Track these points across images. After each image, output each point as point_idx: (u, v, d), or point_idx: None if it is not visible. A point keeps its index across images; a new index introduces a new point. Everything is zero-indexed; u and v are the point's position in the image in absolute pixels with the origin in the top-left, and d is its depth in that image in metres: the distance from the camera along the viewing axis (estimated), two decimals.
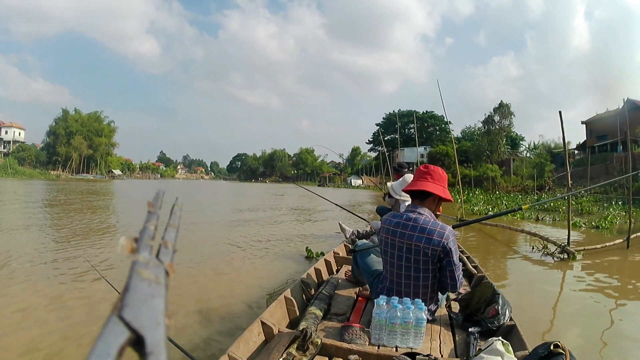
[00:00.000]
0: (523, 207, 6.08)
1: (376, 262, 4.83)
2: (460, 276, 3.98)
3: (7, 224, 14.48)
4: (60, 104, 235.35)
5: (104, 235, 13.33)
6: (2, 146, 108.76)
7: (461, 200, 23.12)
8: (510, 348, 3.11)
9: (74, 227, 14.67)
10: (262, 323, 3.71)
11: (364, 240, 5.64)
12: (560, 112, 11.56)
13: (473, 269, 6.50)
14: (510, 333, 3.82)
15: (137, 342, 0.42)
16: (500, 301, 4.05)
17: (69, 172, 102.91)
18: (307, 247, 11.20)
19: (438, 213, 4.30)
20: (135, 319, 0.43)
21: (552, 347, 2.50)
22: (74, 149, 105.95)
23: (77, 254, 9.97)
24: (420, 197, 4.19)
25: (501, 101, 69.57)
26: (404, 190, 4.20)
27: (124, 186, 64.11)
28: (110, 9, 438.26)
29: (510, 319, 4.01)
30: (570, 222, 11.68)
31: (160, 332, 0.44)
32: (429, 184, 4.11)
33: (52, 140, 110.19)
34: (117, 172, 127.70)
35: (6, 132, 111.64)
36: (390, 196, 8.54)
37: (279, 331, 3.72)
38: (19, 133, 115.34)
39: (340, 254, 7.62)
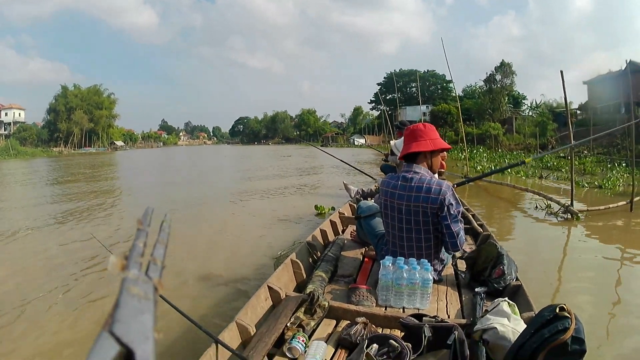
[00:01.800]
0: (526, 160, 6.07)
1: (380, 223, 4.79)
2: (461, 233, 3.93)
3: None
4: (60, 81, 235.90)
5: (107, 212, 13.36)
6: (3, 128, 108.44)
7: (465, 158, 23.08)
8: (517, 309, 3.12)
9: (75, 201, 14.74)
10: (269, 288, 3.75)
11: (368, 202, 5.62)
12: (561, 72, 11.41)
13: (478, 227, 6.46)
14: (516, 294, 3.83)
15: (128, 356, 0.43)
16: (506, 261, 4.04)
17: (71, 147, 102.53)
18: (316, 205, 11.43)
19: (442, 170, 4.30)
20: (126, 334, 0.43)
21: (557, 310, 2.50)
22: (75, 124, 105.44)
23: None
24: (411, 158, 4.17)
25: (502, 60, 68.78)
26: (410, 153, 4.15)
27: (122, 157, 64.37)
28: None
29: (517, 279, 4.01)
30: (574, 182, 11.62)
31: (149, 346, 0.45)
32: (412, 145, 4.10)
33: (52, 117, 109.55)
34: (120, 143, 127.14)
35: (6, 114, 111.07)
36: (393, 154, 8.56)
37: (286, 295, 3.75)
38: (19, 114, 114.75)
39: (346, 214, 7.61)
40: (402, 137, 7.84)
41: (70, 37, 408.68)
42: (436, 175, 4.22)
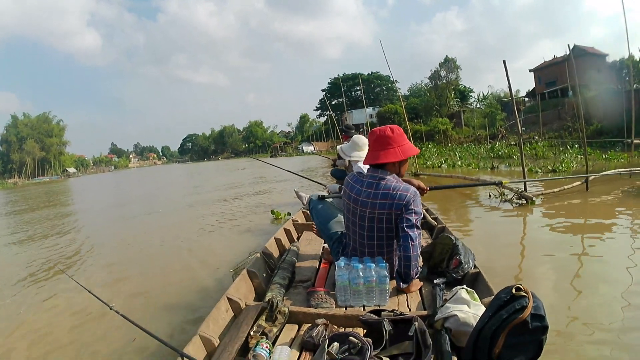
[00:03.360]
0: (503, 182, 6.04)
1: (334, 223, 4.75)
2: (416, 242, 3.74)
3: None
4: (9, 111, 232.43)
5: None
6: None
7: (414, 156, 23.33)
8: (476, 295, 3.17)
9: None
10: (229, 299, 3.72)
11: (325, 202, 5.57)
12: (504, 62, 11.63)
13: (433, 221, 6.50)
14: (476, 281, 3.87)
15: None
16: (462, 251, 4.07)
17: (25, 177, 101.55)
18: (272, 210, 11.70)
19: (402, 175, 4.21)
20: None
21: (514, 291, 2.52)
22: (27, 154, 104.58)
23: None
24: (378, 165, 4.00)
25: (446, 56, 70.16)
26: (378, 163, 4.06)
27: (77, 184, 63.48)
28: (49, 6, 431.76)
29: (475, 267, 4.06)
30: (525, 168, 11.76)
31: None
32: (380, 155, 3.92)
33: (5, 148, 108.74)
34: (72, 170, 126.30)
35: None
36: (340, 158, 8.60)
37: (246, 305, 3.74)
38: None
39: (299, 221, 7.60)
40: (349, 141, 7.86)
41: (16, 64, 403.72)
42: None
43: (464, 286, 3.29)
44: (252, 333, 3.19)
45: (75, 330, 5.32)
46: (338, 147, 8.71)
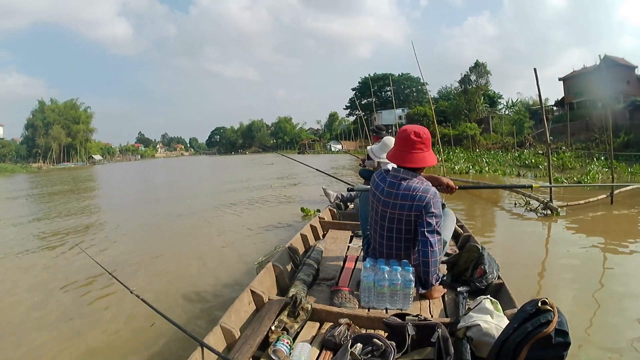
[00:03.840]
0: (534, 185, 5.91)
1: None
2: (435, 248, 3.74)
3: None
4: (37, 96, 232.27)
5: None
6: None
7: (442, 160, 23.20)
8: (499, 306, 3.15)
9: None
10: (252, 292, 3.74)
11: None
12: (535, 69, 11.49)
13: (459, 229, 6.47)
14: (499, 291, 3.85)
15: None
16: (487, 261, 4.06)
17: (50, 162, 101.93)
18: (302, 207, 11.81)
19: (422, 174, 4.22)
20: None
21: (539, 304, 2.51)
22: (53, 139, 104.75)
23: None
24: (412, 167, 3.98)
25: (477, 60, 69.18)
26: (401, 166, 4.07)
27: (103, 171, 63.81)
28: None
29: (498, 278, 4.04)
30: (552, 178, 11.67)
31: None
32: (406, 158, 3.91)
33: (30, 133, 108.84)
34: (98, 157, 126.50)
35: None
36: (370, 158, 8.57)
37: (269, 299, 3.75)
38: None
39: (326, 219, 7.62)
40: (379, 142, 7.84)
41: (46, 51, 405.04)
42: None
43: (489, 296, 3.28)
44: (273, 328, 3.21)
45: (94, 312, 5.43)
46: (368, 147, 8.68)
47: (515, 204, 12.17)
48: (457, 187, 4.67)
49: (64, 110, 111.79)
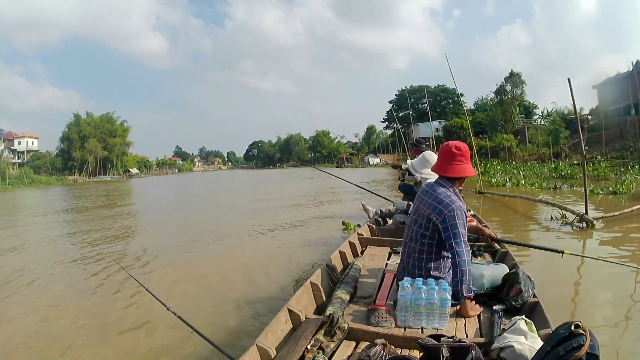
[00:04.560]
0: (565, 252, 5.77)
1: None
2: (464, 257, 3.84)
3: None
4: (72, 109, 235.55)
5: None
6: (17, 157, 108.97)
7: (478, 173, 23.13)
8: (534, 327, 3.16)
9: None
10: (289, 310, 3.76)
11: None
12: (569, 80, 11.45)
13: (496, 245, 6.49)
14: (534, 310, 3.85)
15: None
16: (522, 280, 4.07)
17: (86, 175, 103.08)
18: (343, 221, 11.92)
19: (461, 188, 4.34)
20: None
21: (573, 328, 2.53)
22: (89, 152, 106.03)
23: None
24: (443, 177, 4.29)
25: (511, 70, 69.04)
26: (443, 176, 4.24)
27: (139, 185, 64.47)
28: (113, 9, 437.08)
29: (534, 296, 4.03)
30: (587, 190, 11.61)
31: None
32: (448, 169, 4.22)
33: (66, 145, 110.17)
34: (134, 170, 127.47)
35: (19, 143, 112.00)
36: (410, 174, 8.59)
37: (306, 318, 3.77)
38: (32, 142, 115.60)
39: (365, 235, 7.54)
40: (419, 156, 7.87)
41: (81, 64, 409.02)
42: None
43: (523, 316, 3.29)
44: (309, 347, 3.22)
45: (132, 328, 5.54)
46: (408, 162, 8.72)
47: (552, 217, 12.07)
48: (497, 236, 4.98)
49: (99, 124, 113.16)
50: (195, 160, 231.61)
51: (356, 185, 14.32)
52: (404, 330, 3.67)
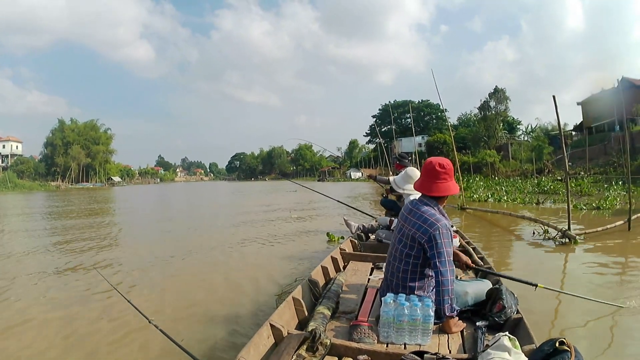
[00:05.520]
0: (539, 285, 5.76)
1: None
2: (447, 277, 3.84)
3: None
4: (57, 115, 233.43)
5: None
6: (1, 160, 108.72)
7: (461, 188, 23.19)
8: (517, 343, 3.15)
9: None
10: (271, 325, 3.72)
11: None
12: (554, 97, 11.50)
13: (479, 261, 6.46)
14: (517, 326, 3.86)
15: None
16: (505, 296, 4.07)
17: (68, 182, 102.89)
18: (328, 232, 12.14)
19: (444, 204, 4.35)
20: None
21: (557, 344, 2.54)
22: (72, 159, 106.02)
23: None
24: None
25: (496, 86, 69.73)
26: (427, 195, 4.25)
27: (121, 193, 64.23)
28: (102, 16, 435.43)
29: (517, 312, 4.05)
30: (570, 206, 11.66)
31: None
32: (432, 188, 4.21)
33: (49, 151, 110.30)
34: (117, 179, 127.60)
35: (3, 147, 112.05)
36: (393, 190, 8.58)
37: (288, 333, 3.73)
38: (17, 146, 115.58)
39: (347, 250, 7.55)
40: (402, 172, 7.87)
41: (68, 70, 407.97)
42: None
43: (507, 333, 3.28)
44: None
45: (113, 341, 5.40)
46: (391, 178, 8.71)
47: (534, 232, 12.11)
48: (473, 265, 4.92)
49: (84, 131, 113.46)
50: (178, 170, 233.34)
51: (338, 202, 14.32)
52: (387, 346, 3.65)
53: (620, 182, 27.03)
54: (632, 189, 12.93)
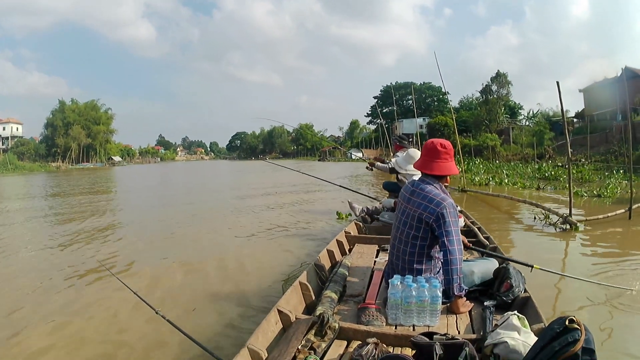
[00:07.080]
0: (535, 266, 5.78)
1: None
2: (456, 255, 3.86)
3: None
4: (58, 95, 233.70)
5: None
6: (1, 142, 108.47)
7: (462, 171, 23.15)
8: (526, 322, 3.17)
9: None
10: (279, 311, 3.76)
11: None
12: (557, 83, 11.37)
13: (485, 240, 6.50)
14: (525, 305, 3.89)
15: None
16: (512, 275, 4.11)
17: (69, 162, 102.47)
18: (337, 211, 12.37)
19: (446, 184, 4.36)
20: None
21: (567, 323, 2.55)
22: (73, 139, 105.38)
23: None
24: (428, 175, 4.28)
25: (498, 71, 69.16)
26: (427, 173, 4.26)
27: (122, 173, 64.73)
28: None
29: (525, 291, 4.09)
30: (572, 192, 11.69)
31: None
32: (433, 167, 4.22)
33: (50, 132, 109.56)
34: (117, 158, 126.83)
35: (3, 129, 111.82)
36: (395, 171, 8.58)
37: (296, 318, 3.77)
38: (17, 128, 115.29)
39: (352, 233, 7.59)
40: (402, 151, 7.88)
41: (69, 51, 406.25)
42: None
43: (515, 312, 3.30)
44: (300, 347, 3.22)
45: (118, 331, 5.37)
46: (393, 159, 8.71)
47: (535, 218, 12.12)
48: (469, 244, 5.17)
49: (84, 111, 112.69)
50: (178, 149, 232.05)
51: (342, 187, 14.26)
52: (395, 328, 3.67)
53: (621, 171, 26.95)
54: (634, 177, 12.89)
